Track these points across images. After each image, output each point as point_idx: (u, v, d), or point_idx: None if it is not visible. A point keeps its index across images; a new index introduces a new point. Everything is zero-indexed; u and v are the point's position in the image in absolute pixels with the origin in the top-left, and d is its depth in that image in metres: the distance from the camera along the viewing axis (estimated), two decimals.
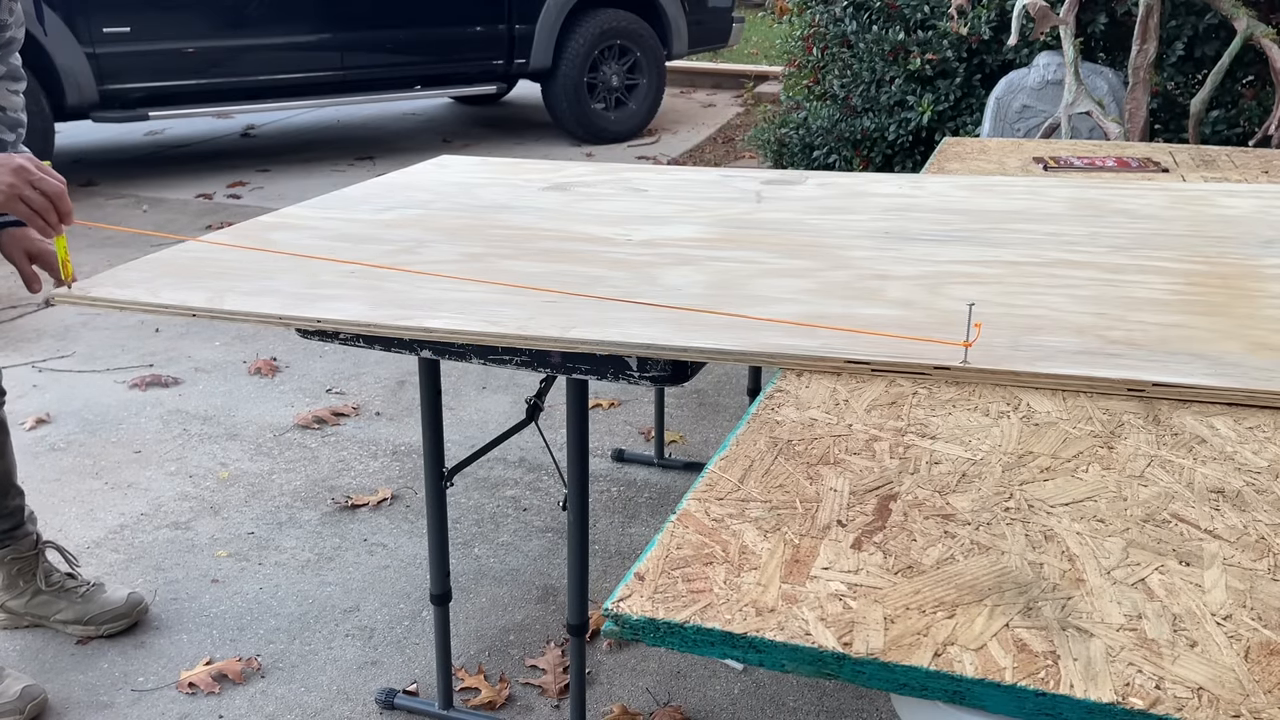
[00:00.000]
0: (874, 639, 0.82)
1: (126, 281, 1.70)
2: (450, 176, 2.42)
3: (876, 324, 1.42)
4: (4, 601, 2.20)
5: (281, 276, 1.70)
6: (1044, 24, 3.54)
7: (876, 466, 1.09)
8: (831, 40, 4.84)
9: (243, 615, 2.28)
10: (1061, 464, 1.09)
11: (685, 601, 0.88)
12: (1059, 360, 1.30)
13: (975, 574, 0.91)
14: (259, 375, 3.49)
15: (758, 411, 1.22)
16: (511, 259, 1.77)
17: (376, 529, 2.61)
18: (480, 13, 6.41)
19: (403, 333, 1.50)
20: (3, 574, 2.19)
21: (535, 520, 2.65)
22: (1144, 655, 0.80)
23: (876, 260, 1.72)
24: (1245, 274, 1.62)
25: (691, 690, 2.06)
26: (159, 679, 2.09)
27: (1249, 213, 1.96)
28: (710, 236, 1.88)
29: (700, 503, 1.02)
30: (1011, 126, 4.07)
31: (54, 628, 2.22)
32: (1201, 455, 1.10)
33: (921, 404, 1.23)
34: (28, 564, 2.19)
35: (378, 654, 2.16)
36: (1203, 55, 4.11)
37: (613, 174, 2.40)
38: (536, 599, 2.34)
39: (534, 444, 2.98)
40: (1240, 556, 0.92)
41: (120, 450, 2.98)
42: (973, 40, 4.41)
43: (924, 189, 2.19)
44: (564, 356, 1.52)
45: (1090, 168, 2.52)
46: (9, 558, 2.18)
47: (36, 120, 5.34)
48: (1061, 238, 1.82)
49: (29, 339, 3.77)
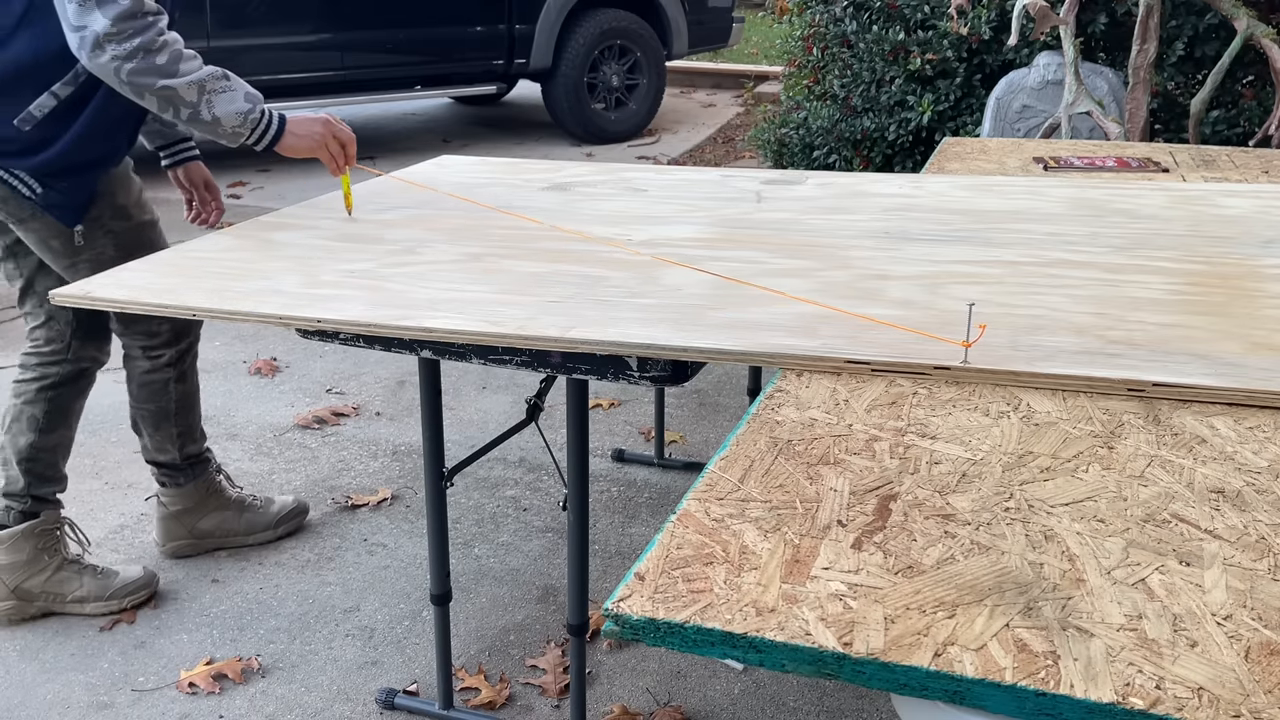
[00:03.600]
0: (874, 639, 0.82)
1: (126, 281, 1.70)
2: (450, 176, 2.42)
3: (876, 324, 1.42)
4: (21, 582, 2.20)
5: (281, 276, 1.70)
6: (1044, 24, 3.54)
7: (876, 466, 1.09)
8: (831, 40, 4.84)
9: (243, 615, 2.28)
10: (1061, 464, 1.09)
11: (685, 601, 0.88)
12: (1059, 360, 1.30)
13: (975, 574, 0.91)
14: (259, 375, 3.49)
15: (758, 411, 1.22)
16: (511, 259, 1.77)
17: (376, 529, 2.61)
18: (480, 13, 6.41)
19: (403, 333, 1.50)
20: (27, 549, 2.20)
21: (535, 520, 2.65)
22: (1144, 655, 0.80)
23: (876, 260, 1.72)
24: (1245, 274, 1.62)
25: (691, 690, 2.06)
26: (159, 679, 2.09)
27: (1249, 213, 1.96)
28: (710, 236, 1.88)
29: (700, 503, 1.02)
30: (1011, 126, 4.07)
31: (68, 610, 2.22)
32: (1201, 455, 1.10)
33: (921, 404, 1.23)
34: (53, 539, 2.23)
35: (378, 654, 2.16)
36: (1203, 55, 4.11)
37: (613, 174, 2.40)
38: (536, 599, 2.34)
39: (534, 444, 2.98)
40: (1240, 556, 0.92)
41: (120, 450, 2.98)
42: (973, 40, 4.41)
43: (924, 189, 2.19)
44: (564, 356, 1.52)
45: (1090, 168, 2.52)
46: (38, 529, 2.21)
47: None
48: (1061, 238, 1.82)
49: None
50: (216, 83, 1.84)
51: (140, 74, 1.77)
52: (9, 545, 2.20)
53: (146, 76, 1.77)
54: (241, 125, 1.87)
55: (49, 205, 1.96)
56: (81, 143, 1.94)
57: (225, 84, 1.85)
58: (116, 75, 1.78)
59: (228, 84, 1.86)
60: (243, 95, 1.87)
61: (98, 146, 2.00)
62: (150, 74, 1.77)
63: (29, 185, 1.92)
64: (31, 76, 1.87)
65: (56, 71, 1.87)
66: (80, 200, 2.00)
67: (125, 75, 1.77)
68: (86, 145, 1.96)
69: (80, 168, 1.97)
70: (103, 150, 2.02)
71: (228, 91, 1.85)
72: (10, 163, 1.91)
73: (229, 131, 1.87)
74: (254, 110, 1.88)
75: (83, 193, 2.00)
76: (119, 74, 1.78)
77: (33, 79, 1.87)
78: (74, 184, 1.97)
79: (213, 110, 1.84)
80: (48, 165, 1.92)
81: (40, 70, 1.86)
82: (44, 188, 1.94)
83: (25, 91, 1.87)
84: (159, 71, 1.78)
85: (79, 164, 1.97)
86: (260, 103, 1.91)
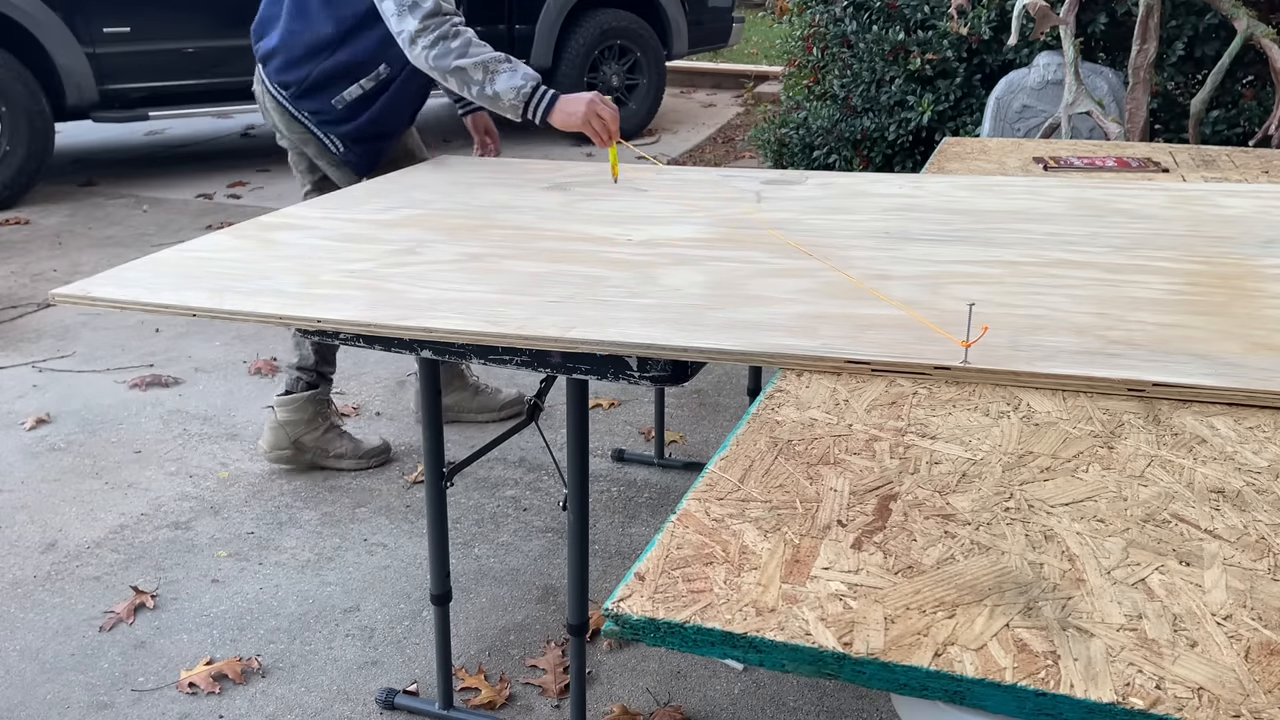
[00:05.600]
0: (874, 639, 0.82)
1: (126, 281, 1.70)
2: (450, 176, 2.42)
3: (876, 324, 1.42)
4: (299, 436, 2.82)
5: (281, 276, 1.70)
6: (1044, 24, 3.54)
7: (876, 466, 1.09)
8: (831, 40, 4.84)
9: (243, 615, 2.28)
10: (1061, 464, 1.09)
11: (685, 601, 0.88)
12: (1059, 360, 1.30)
13: (975, 574, 0.91)
14: (259, 375, 3.49)
15: (758, 411, 1.22)
16: (512, 259, 1.77)
17: (376, 529, 2.61)
18: (480, 13, 6.41)
19: (403, 333, 1.50)
20: (309, 411, 2.81)
21: (535, 520, 2.65)
22: (1144, 655, 0.80)
23: (876, 260, 1.72)
24: (1245, 274, 1.62)
25: (691, 690, 2.06)
26: (159, 679, 2.09)
27: (1249, 213, 1.96)
28: (710, 236, 1.88)
29: (700, 503, 1.02)
30: (1011, 126, 4.07)
31: (328, 464, 2.86)
32: (1201, 455, 1.10)
33: (921, 404, 1.23)
34: (327, 406, 2.86)
35: (378, 654, 2.16)
36: (1203, 55, 4.11)
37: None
38: (536, 599, 2.34)
39: (534, 444, 2.98)
40: (1240, 556, 0.92)
41: (120, 450, 2.98)
42: (973, 40, 4.41)
43: (924, 189, 2.19)
44: (564, 356, 1.52)
45: (1090, 168, 2.52)
46: (318, 397, 2.81)
47: (37, 120, 5.36)
48: (1061, 238, 1.82)
49: (29, 339, 3.77)
50: (499, 64, 2.31)
51: (440, 58, 2.29)
52: (295, 406, 2.79)
53: (445, 59, 2.29)
54: (516, 99, 2.31)
55: (347, 161, 2.62)
56: (373, 122, 2.56)
57: (507, 65, 2.31)
58: (426, 62, 2.31)
59: (509, 65, 2.32)
60: (520, 75, 2.31)
61: (384, 125, 2.60)
62: (447, 57, 2.29)
63: (336, 145, 2.59)
64: (347, 74, 2.50)
65: (364, 71, 2.49)
66: (369, 160, 2.63)
67: (431, 61, 2.30)
68: (376, 124, 2.57)
69: (370, 139, 2.60)
70: (387, 128, 2.62)
71: (508, 71, 2.30)
72: (328, 128, 2.58)
73: (507, 105, 2.32)
74: (526, 87, 2.30)
75: (370, 155, 2.63)
76: (427, 60, 2.30)
77: (348, 76, 2.50)
78: (366, 149, 2.61)
79: (494, 86, 2.30)
80: (349, 134, 2.57)
81: (354, 70, 2.50)
82: (345, 149, 2.59)
83: (343, 83, 2.50)
84: (454, 54, 2.29)
85: (369, 135, 2.59)
86: (535, 82, 2.32)
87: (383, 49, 2.44)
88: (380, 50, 2.45)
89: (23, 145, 5.33)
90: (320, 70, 2.50)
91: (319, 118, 2.56)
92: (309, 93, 2.53)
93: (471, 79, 2.29)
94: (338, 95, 2.52)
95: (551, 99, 2.32)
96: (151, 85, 5.64)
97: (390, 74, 2.49)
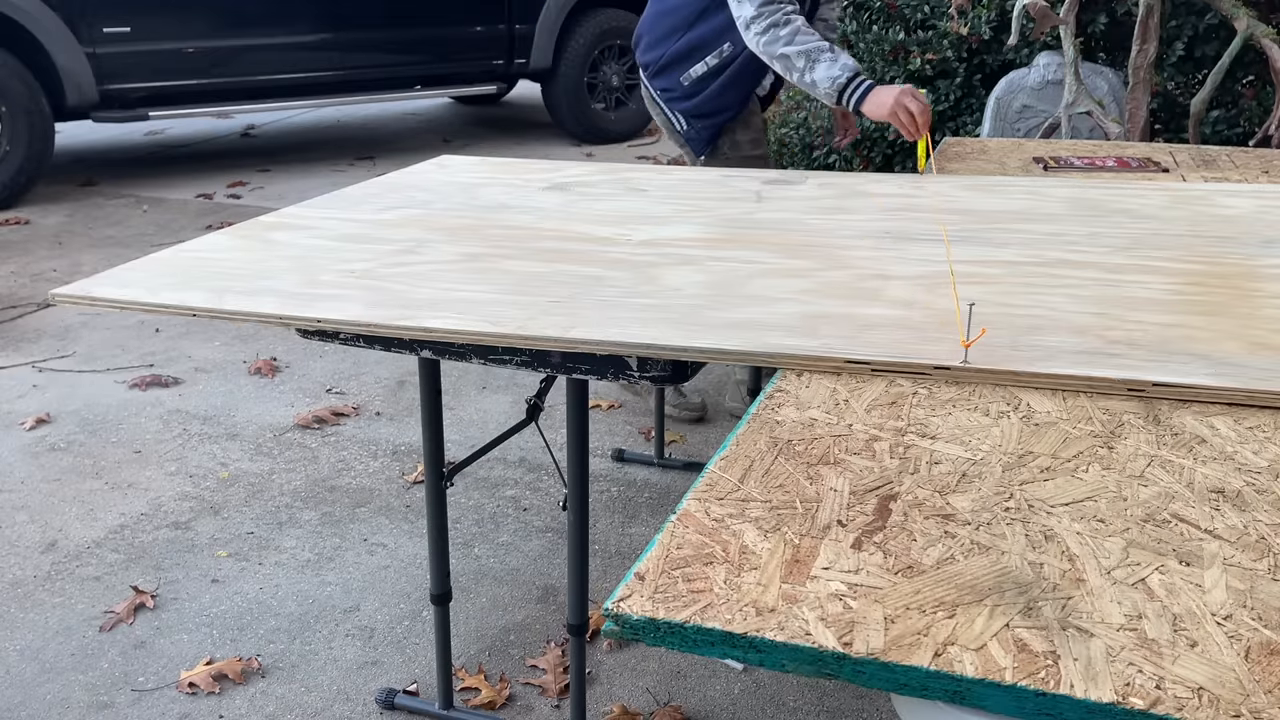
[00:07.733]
0: (874, 639, 0.82)
1: (126, 281, 1.70)
2: (450, 176, 2.42)
3: (876, 324, 1.42)
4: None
5: (281, 276, 1.70)
6: (1044, 24, 3.54)
7: (876, 466, 1.09)
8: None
9: (243, 615, 2.28)
10: (1061, 464, 1.09)
11: (685, 601, 0.88)
12: (1059, 360, 1.30)
13: (975, 574, 0.91)
14: (259, 375, 3.49)
15: (758, 411, 1.22)
16: (512, 259, 1.76)
17: (376, 529, 2.61)
18: (480, 13, 6.41)
19: (403, 333, 1.50)
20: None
21: (535, 520, 2.65)
22: (1144, 655, 0.80)
23: (876, 260, 1.72)
24: (1245, 274, 1.62)
25: (691, 690, 2.06)
26: (159, 679, 2.09)
27: (1249, 213, 1.96)
28: (710, 236, 1.88)
29: (700, 503, 1.02)
30: (1011, 126, 4.07)
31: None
32: (1201, 455, 1.10)
33: (921, 404, 1.23)
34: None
35: (378, 654, 2.16)
36: (1203, 55, 4.10)
37: (613, 174, 2.39)
38: (536, 599, 2.34)
39: (534, 444, 2.98)
40: (1240, 556, 0.92)
41: (120, 450, 2.98)
42: (973, 40, 4.41)
43: (924, 189, 2.19)
44: (564, 356, 1.52)
45: (1090, 168, 2.52)
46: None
47: (36, 120, 5.36)
48: (1061, 238, 1.82)
49: (29, 339, 3.77)
50: (821, 54, 2.46)
51: (770, 44, 2.48)
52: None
53: (773, 45, 2.47)
54: (831, 88, 2.47)
55: (689, 139, 2.85)
56: (713, 98, 2.76)
57: (828, 55, 2.46)
58: (757, 46, 2.51)
59: (830, 55, 2.46)
60: (839, 66, 2.45)
61: (723, 101, 2.77)
62: (775, 44, 2.47)
63: (680, 122, 2.81)
64: (698, 50, 2.71)
65: (711, 48, 2.70)
66: (706, 138, 2.82)
67: (761, 46, 2.50)
68: (715, 100, 2.76)
69: (709, 114, 2.78)
70: (726, 103, 2.78)
71: (827, 61, 2.45)
72: (675, 105, 2.80)
73: (823, 92, 2.49)
74: (843, 77, 2.45)
75: (709, 132, 2.81)
76: (758, 45, 2.50)
77: (698, 52, 2.71)
78: (705, 125, 2.80)
79: (813, 74, 2.46)
80: (692, 109, 2.78)
81: (703, 47, 2.70)
82: (687, 125, 2.81)
83: (693, 59, 2.72)
84: (781, 41, 2.46)
85: (708, 111, 2.78)
86: (852, 73, 2.46)
87: (728, 29, 2.63)
88: (725, 30, 2.65)
89: (22, 145, 5.33)
90: (673, 50, 2.74)
91: (668, 95, 2.81)
92: (661, 71, 2.78)
93: (794, 65, 2.47)
94: (685, 72, 2.74)
95: (866, 89, 2.46)
96: (151, 85, 5.64)
97: (733, 52, 2.68)
